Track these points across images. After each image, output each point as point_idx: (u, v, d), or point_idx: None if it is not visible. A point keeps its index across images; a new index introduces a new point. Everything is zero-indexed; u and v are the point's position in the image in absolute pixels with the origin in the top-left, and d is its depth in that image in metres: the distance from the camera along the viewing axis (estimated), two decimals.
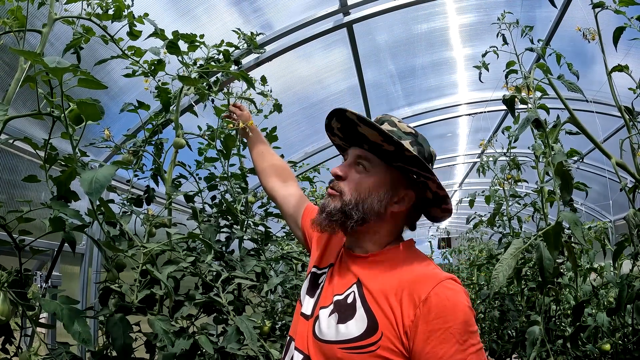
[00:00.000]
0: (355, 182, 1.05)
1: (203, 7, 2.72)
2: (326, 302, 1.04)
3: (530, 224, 3.49)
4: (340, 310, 0.99)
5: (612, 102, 1.78)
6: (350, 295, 1.00)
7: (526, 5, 3.32)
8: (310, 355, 1.00)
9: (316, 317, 1.03)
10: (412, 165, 1.03)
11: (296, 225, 1.37)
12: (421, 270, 0.99)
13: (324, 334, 0.98)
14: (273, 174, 1.48)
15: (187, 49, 1.98)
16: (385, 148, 1.04)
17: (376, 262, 1.04)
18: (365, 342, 0.92)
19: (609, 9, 1.76)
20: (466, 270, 5.98)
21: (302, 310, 1.10)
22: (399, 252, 1.05)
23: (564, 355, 2.20)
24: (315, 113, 4.48)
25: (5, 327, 1.24)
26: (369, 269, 1.03)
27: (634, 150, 1.70)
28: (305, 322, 1.06)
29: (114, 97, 2.66)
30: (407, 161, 1.03)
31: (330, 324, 0.98)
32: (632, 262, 1.83)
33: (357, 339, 0.93)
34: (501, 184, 2.98)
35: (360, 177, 1.06)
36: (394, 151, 1.03)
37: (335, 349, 0.95)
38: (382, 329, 0.92)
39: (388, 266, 1.02)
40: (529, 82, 1.67)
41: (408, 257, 1.03)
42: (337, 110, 1.08)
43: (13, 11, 1.38)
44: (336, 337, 0.96)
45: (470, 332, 0.89)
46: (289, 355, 1.06)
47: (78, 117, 1.24)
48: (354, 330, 0.94)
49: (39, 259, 1.99)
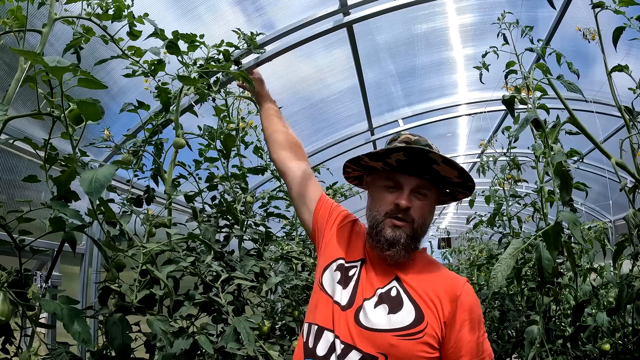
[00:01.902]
0: (420, 210, 1.17)
1: (205, 5, 2.72)
2: (369, 293, 1.12)
3: (530, 224, 3.49)
4: (388, 302, 1.10)
5: (612, 102, 1.77)
6: (393, 289, 1.12)
7: (526, 5, 3.31)
8: (356, 344, 1.05)
9: (359, 307, 1.10)
10: (467, 191, 1.23)
11: (305, 208, 1.36)
12: (445, 271, 1.19)
13: (373, 323, 1.07)
14: (286, 146, 1.45)
15: (187, 49, 1.98)
16: (453, 180, 1.18)
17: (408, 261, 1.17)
18: (415, 329, 1.05)
19: (609, 9, 1.76)
20: (466, 270, 5.97)
21: (335, 299, 1.13)
22: (422, 256, 1.22)
23: (564, 355, 2.20)
24: (316, 113, 4.48)
25: (5, 327, 1.24)
26: (403, 268, 1.16)
27: (634, 150, 1.70)
28: (342, 312, 1.11)
29: (114, 97, 2.66)
30: (465, 189, 1.22)
31: (380, 314, 1.08)
32: (632, 262, 1.83)
33: (408, 327, 1.06)
34: (501, 184, 2.98)
35: (422, 204, 1.17)
36: (461, 181, 1.18)
37: (388, 337, 1.05)
38: (427, 319, 1.07)
39: (420, 267, 1.18)
40: (529, 82, 1.67)
41: (429, 261, 1.22)
42: (409, 148, 1.13)
43: (13, 11, 1.38)
44: (389, 325, 1.06)
45: (482, 321, 1.13)
46: (323, 343, 1.08)
47: (78, 117, 1.24)
48: (407, 319, 1.06)
49: (39, 259, 1.99)
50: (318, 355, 1.07)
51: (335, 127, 4.79)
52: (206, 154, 2.32)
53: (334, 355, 1.05)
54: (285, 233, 3.60)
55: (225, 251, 2.13)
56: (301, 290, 3.08)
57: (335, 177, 3.81)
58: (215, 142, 2.19)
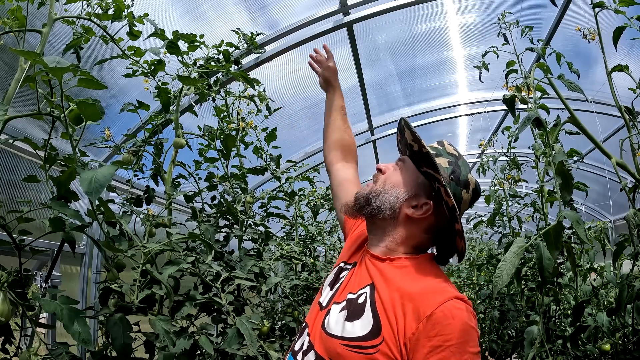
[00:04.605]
0: (387, 176, 1.13)
1: (209, 3, 2.71)
2: (340, 298, 1.08)
3: (530, 224, 3.49)
4: (350, 309, 1.02)
5: (612, 102, 1.77)
6: (362, 296, 1.03)
7: (528, 5, 3.32)
8: (314, 345, 1.03)
9: (328, 310, 1.07)
10: (431, 167, 1.07)
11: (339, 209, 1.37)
12: (432, 285, 0.99)
13: (331, 327, 1.02)
14: (338, 146, 1.46)
15: (187, 49, 1.98)
16: (414, 149, 1.11)
17: (392, 267, 1.06)
18: (366, 343, 0.95)
19: (609, 9, 1.76)
20: (466, 270, 5.97)
21: (320, 299, 1.14)
22: (416, 263, 1.07)
23: (564, 355, 2.20)
24: (316, 113, 4.48)
25: (5, 327, 1.24)
26: (384, 274, 1.05)
27: (634, 150, 1.70)
28: (319, 312, 1.10)
29: (114, 97, 2.66)
30: (429, 164, 1.07)
31: (339, 320, 1.02)
32: (632, 262, 1.83)
33: (359, 339, 0.96)
34: (501, 184, 2.98)
35: (392, 172, 1.13)
36: (418, 151, 1.09)
37: (336, 344, 0.98)
38: (384, 335, 0.94)
39: (402, 275, 1.03)
40: (529, 81, 1.67)
41: (423, 270, 1.05)
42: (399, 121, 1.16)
43: (13, 11, 1.38)
44: (341, 333, 0.99)
45: (471, 352, 0.90)
46: (301, 340, 1.09)
47: (78, 117, 1.24)
48: (358, 330, 0.97)
49: (39, 259, 1.99)
50: (294, 350, 1.09)
51: None
52: (206, 154, 2.32)
53: (301, 353, 1.06)
54: (285, 233, 3.60)
55: (225, 251, 2.13)
56: (301, 290, 3.08)
57: None
58: (215, 142, 2.19)
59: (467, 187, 1.11)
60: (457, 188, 1.08)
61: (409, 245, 1.09)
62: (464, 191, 1.10)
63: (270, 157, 2.69)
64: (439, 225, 1.09)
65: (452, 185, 1.07)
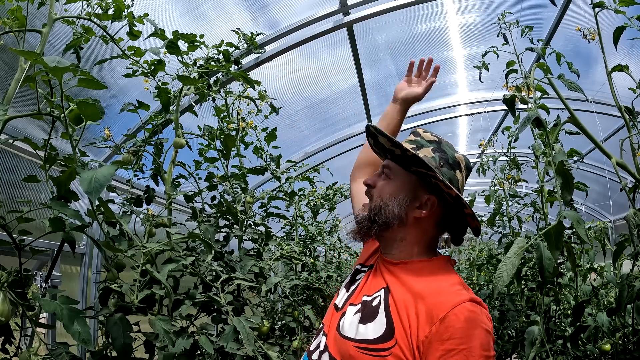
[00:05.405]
0: (380, 189, 1.10)
1: (210, 3, 2.72)
2: (356, 300, 1.08)
3: (530, 223, 3.49)
4: (364, 311, 1.02)
5: (612, 102, 1.77)
6: (377, 299, 1.03)
7: (528, 4, 3.32)
8: (329, 346, 1.04)
9: (344, 312, 1.07)
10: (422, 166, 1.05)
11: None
12: (445, 287, 0.98)
13: (345, 329, 1.02)
14: (364, 165, 1.42)
15: (187, 49, 1.98)
16: (396, 153, 1.09)
17: (406, 270, 1.05)
18: (379, 346, 0.94)
19: (609, 9, 1.76)
20: (466, 270, 5.97)
21: (336, 301, 1.14)
22: (430, 265, 1.06)
23: (564, 355, 2.20)
24: (316, 113, 4.48)
25: (5, 327, 1.24)
26: (398, 277, 1.04)
27: (634, 150, 1.70)
28: (335, 314, 1.10)
29: (114, 97, 2.66)
30: (419, 164, 1.05)
31: (353, 322, 1.02)
32: (632, 262, 1.83)
33: (372, 342, 0.95)
34: (501, 184, 2.98)
35: (383, 183, 1.10)
36: (402, 154, 1.07)
37: (349, 346, 0.98)
38: (397, 338, 0.93)
39: (416, 277, 1.02)
40: (529, 81, 1.67)
41: (437, 272, 1.03)
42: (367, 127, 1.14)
43: (13, 11, 1.38)
44: (354, 335, 0.99)
45: (485, 356, 0.88)
46: (317, 341, 1.09)
47: (78, 117, 1.24)
48: (371, 333, 0.97)
49: (39, 259, 1.99)
50: (310, 350, 1.10)
51: (336, 127, 4.80)
52: (206, 154, 2.32)
53: (317, 353, 1.06)
54: (285, 233, 3.60)
55: (225, 251, 2.13)
56: (301, 290, 3.07)
57: (336, 177, 3.81)
58: (215, 142, 2.19)
59: (459, 167, 1.12)
60: (449, 172, 1.09)
61: (422, 244, 1.09)
62: (457, 172, 1.11)
63: (270, 157, 2.69)
64: (447, 214, 1.09)
65: (444, 171, 1.08)
